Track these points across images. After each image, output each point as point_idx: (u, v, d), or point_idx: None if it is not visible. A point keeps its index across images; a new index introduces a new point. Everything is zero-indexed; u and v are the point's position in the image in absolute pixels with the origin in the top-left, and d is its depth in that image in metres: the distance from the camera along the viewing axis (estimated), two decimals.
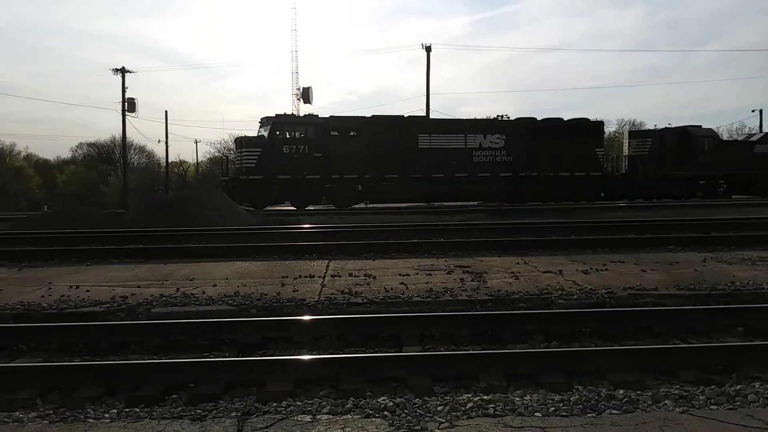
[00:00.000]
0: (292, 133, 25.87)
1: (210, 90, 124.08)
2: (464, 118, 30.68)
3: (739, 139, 39.69)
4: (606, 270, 8.25)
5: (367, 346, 5.42)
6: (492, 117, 30.20)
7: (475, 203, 27.14)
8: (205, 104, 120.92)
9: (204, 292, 6.99)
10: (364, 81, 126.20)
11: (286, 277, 7.96)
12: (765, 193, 30.76)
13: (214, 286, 7.42)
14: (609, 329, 5.69)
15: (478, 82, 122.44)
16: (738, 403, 3.85)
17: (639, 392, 4.07)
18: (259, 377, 4.41)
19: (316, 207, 26.17)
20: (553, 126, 28.26)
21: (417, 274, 8.07)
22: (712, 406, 3.81)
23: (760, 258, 9.09)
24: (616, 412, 3.70)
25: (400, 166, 25.96)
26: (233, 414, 3.72)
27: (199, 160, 71.49)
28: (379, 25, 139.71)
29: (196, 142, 68.56)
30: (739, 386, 4.18)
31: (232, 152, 39.10)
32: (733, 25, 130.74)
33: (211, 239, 12.11)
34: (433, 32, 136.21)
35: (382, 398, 4.00)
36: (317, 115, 26.77)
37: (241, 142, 26.79)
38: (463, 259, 9.34)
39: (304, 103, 44.07)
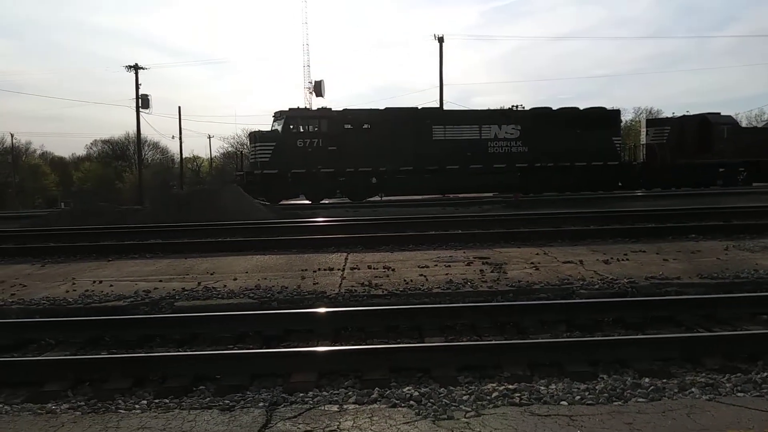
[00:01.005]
0: (306, 126, 25.92)
1: (222, 85, 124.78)
2: (478, 108, 30.52)
3: (759, 125, 39.21)
4: (627, 260, 8.22)
5: (389, 337, 5.47)
6: (506, 107, 30.06)
7: (491, 195, 27.06)
8: (217, 99, 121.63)
9: (225, 286, 7.08)
10: (376, 73, 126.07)
11: (306, 270, 8.02)
12: None
13: (235, 279, 7.51)
14: (632, 318, 5.69)
15: (491, 73, 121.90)
16: (765, 390, 3.84)
17: (665, 380, 4.07)
18: (285, 369, 4.47)
19: (331, 200, 26.25)
20: (569, 115, 28.05)
21: (436, 265, 8.10)
22: (738, 394, 3.81)
23: None
24: (642, 400, 3.71)
25: (415, 158, 25.94)
26: (261, 404, 3.78)
27: (212, 155, 71.94)
28: (390, 17, 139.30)
29: (210, 138, 69.03)
30: (765, 374, 4.16)
31: (245, 147, 39.26)
32: (749, 9, 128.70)
33: (229, 233, 12.22)
34: (446, 22, 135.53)
35: (407, 388, 4.04)
36: (330, 109, 26.81)
37: (255, 136, 26.90)
38: (482, 251, 9.34)
39: (317, 96, 44.28)
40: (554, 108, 28.45)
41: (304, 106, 29.66)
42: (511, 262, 8.27)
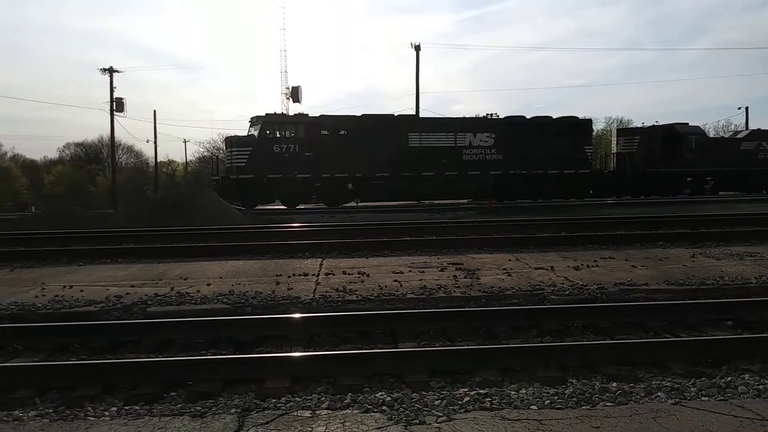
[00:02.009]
0: (282, 132, 25.84)
1: (198, 89, 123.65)
2: (454, 116, 30.76)
3: (726, 136, 40.20)
4: (597, 266, 8.34)
5: (363, 342, 5.46)
6: (481, 115, 30.33)
7: (466, 201, 27.25)
8: (193, 104, 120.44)
9: (199, 291, 7.00)
10: (353, 80, 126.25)
11: (281, 275, 7.98)
12: (751, 189, 31.17)
13: (209, 285, 7.43)
14: (601, 324, 5.76)
15: (466, 81, 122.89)
16: (729, 395, 3.92)
17: (632, 385, 4.13)
18: (258, 374, 4.44)
19: (307, 206, 26.16)
20: (542, 124, 28.45)
21: (410, 271, 8.12)
22: (703, 398, 3.88)
23: (747, 253, 9.23)
24: (610, 404, 3.76)
25: (391, 164, 26.03)
26: (233, 410, 3.74)
27: (188, 160, 71.22)
28: (366, 24, 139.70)
29: (185, 142, 68.44)
30: (729, 378, 4.25)
31: (221, 151, 38.97)
32: (716, 22, 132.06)
33: (203, 239, 12.10)
34: (421, 31, 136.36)
35: (380, 393, 4.04)
36: (307, 114, 26.78)
37: (232, 141, 26.74)
38: (456, 257, 9.41)
39: (293, 102, 44.08)
40: (528, 117, 28.83)
41: (281, 112, 29.57)
42: (484, 268, 8.33)
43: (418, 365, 4.54)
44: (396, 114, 28.80)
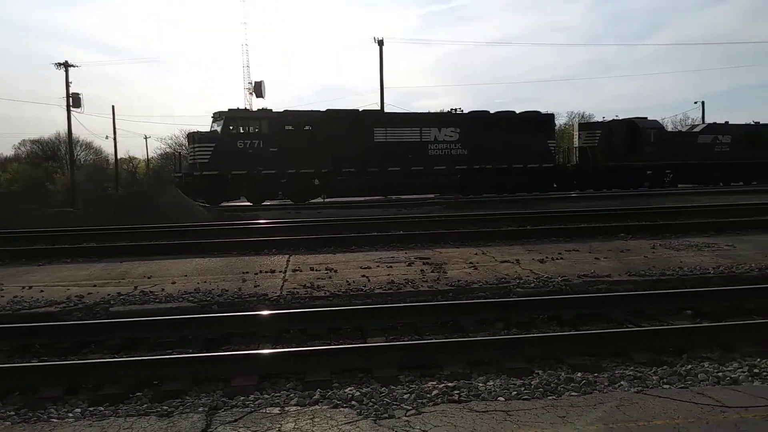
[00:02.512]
0: (246, 127, 25.54)
1: (159, 84, 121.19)
2: (419, 111, 30.89)
3: (683, 130, 41.26)
4: (561, 258, 8.50)
5: (332, 338, 5.47)
6: (446, 110, 30.50)
7: (432, 196, 27.40)
8: (153, 99, 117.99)
9: (163, 290, 6.90)
10: (318, 76, 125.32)
11: (247, 272, 7.91)
12: (708, 181, 32.08)
13: (173, 283, 7.33)
14: (566, 315, 5.88)
15: (432, 76, 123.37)
16: (689, 382, 4.05)
17: (596, 374, 4.24)
18: (226, 372, 4.40)
19: (273, 202, 25.95)
20: (506, 119, 28.74)
21: (378, 266, 8.14)
22: (664, 386, 4.00)
23: (705, 244, 9.52)
24: (575, 394, 3.85)
25: (357, 160, 25.98)
26: (201, 409, 3.71)
27: (149, 156, 69.86)
28: (330, 19, 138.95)
29: (146, 138, 67.04)
30: (689, 366, 4.39)
31: (184, 148, 38.31)
32: (674, 18, 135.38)
33: (166, 236, 11.91)
34: (387, 25, 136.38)
35: (349, 389, 4.05)
36: (271, 110, 26.50)
37: (194, 137, 26.29)
38: (423, 251, 9.46)
39: (257, 97, 43.65)
40: (492, 112, 29.12)
41: (243, 107, 29.21)
42: (451, 262, 8.40)
43: (387, 360, 4.57)
44: (361, 109, 28.77)
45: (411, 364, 4.57)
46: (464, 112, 29.37)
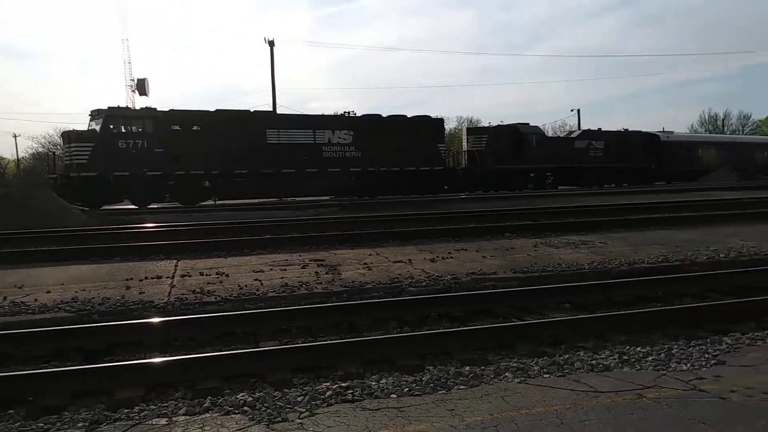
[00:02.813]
0: (128, 127, 24.25)
1: (30, 81, 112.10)
2: (312, 113, 30.78)
3: (562, 135, 44.10)
4: (451, 258, 8.80)
5: (223, 344, 5.33)
6: (340, 113, 30.64)
7: (327, 198, 27.39)
8: (23, 96, 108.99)
9: (36, 300, 6.41)
10: (207, 75, 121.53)
11: (131, 279, 7.52)
12: (584, 183, 34.53)
13: (48, 292, 6.82)
14: (456, 312, 6.10)
15: (325, 78, 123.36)
16: (567, 371, 4.33)
17: (483, 367, 4.43)
18: (108, 385, 4.17)
19: (160, 205, 24.80)
20: (398, 123, 29.32)
21: (271, 269, 8.04)
22: (545, 375, 4.25)
23: (581, 242, 10.22)
24: (463, 387, 4.01)
25: (249, 161, 25.45)
26: (80, 424, 3.49)
27: (19, 156, 64.49)
28: (223, 18, 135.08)
29: (15, 137, 61.82)
30: (567, 356, 4.69)
31: (59, 147, 35.70)
32: (554, 31, 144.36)
33: (41, 242, 11.06)
34: (281, 26, 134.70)
35: (241, 394, 3.97)
36: (155, 108, 25.33)
37: (70, 136, 24.57)
38: (318, 253, 9.46)
39: (140, 95, 41.61)
40: (384, 115, 29.57)
41: (125, 105, 27.74)
42: (346, 263, 8.46)
43: (280, 363, 4.52)
44: (253, 110, 28.21)
45: (305, 367, 4.55)
46: (358, 115, 29.65)
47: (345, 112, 30.15)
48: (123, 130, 24.08)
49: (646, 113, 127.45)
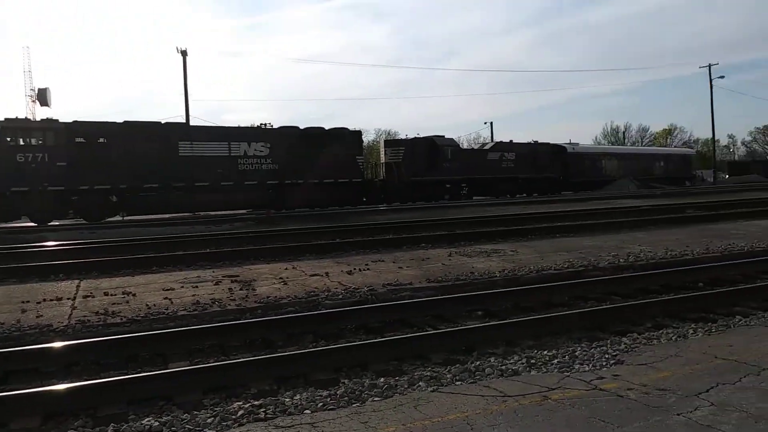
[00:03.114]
0: (27, 139, 22.85)
1: None
2: (228, 125, 30.15)
3: (476, 147, 45.52)
4: (368, 269, 8.84)
5: (129, 367, 5.09)
6: (256, 125, 30.20)
7: (244, 211, 26.86)
8: None
9: None
10: (116, 85, 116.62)
11: (28, 302, 7.05)
12: (497, 193, 35.73)
13: None
14: (372, 323, 6.13)
15: (242, 90, 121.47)
16: (478, 377, 4.44)
17: (397, 378, 4.47)
18: (0, 416, 3.88)
19: (63, 222, 23.45)
20: (316, 135, 29.22)
21: (182, 287, 7.78)
22: (457, 383, 4.34)
23: (493, 250, 10.54)
24: (378, 398, 4.02)
25: (160, 175, 24.56)
26: None
27: None
28: (133, 25, 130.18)
29: None
30: (478, 362, 4.81)
31: None
32: (468, 46, 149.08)
33: None
34: (197, 36, 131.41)
35: (147, 419, 3.80)
36: (58, 120, 24.00)
37: None
38: (232, 269, 9.25)
39: (41, 105, 39.38)
40: (302, 127, 29.41)
41: (24, 117, 26.12)
42: (261, 278, 8.32)
43: (190, 384, 4.38)
44: (164, 122, 27.27)
45: (216, 387, 4.42)
46: (274, 127, 29.32)
47: (262, 124, 29.76)
48: (21, 143, 22.67)
49: (554, 125, 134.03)
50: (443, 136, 34.99)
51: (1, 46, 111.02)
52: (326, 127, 30.05)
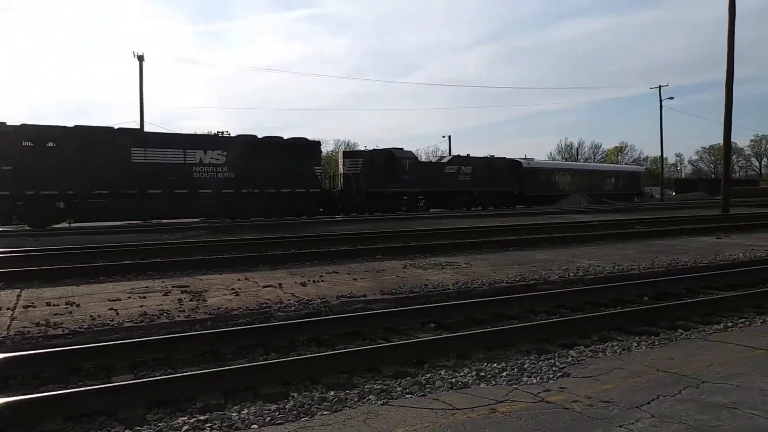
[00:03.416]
0: None
1: None
2: (183, 132, 29.69)
3: (433, 160, 45.96)
4: (322, 281, 8.78)
5: (70, 381, 4.91)
6: (213, 133, 29.85)
7: (198, 220, 26.40)
8: None
9: None
10: (68, 89, 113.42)
11: None
12: (454, 206, 36.14)
13: None
14: (324, 336, 6.08)
15: (199, 97, 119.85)
16: (428, 390, 4.44)
17: (347, 391, 4.43)
18: None
19: (5, 228, 22.57)
20: (273, 144, 29.04)
21: (129, 298, 7.57)
22: (407, 396, 4.33)
23: (447, 263, 10.63)
24: (327, 412, 3.98)
25: (111, 181, 23.96)
26: None
27: None
28: (90, 27, 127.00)
29: None
30: (429, 375, 4.82)
31: None
32: (428, 60, 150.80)
33: None
34: (153, 41, 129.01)
35: None
36: (4, 123, 23.19)
37: None
38: (182, 279, 9.07)
39: None
40: (260, 136, 29.17)
41: None
42: (212, 289, 8.17)
43: (133, 399, 4.24)
44: (117, 127, 26.66)
45: (161, 401, 4.30)
46: (231, 135, 29.00)
47: (218, 132, 29.42)
48: None
49: (511, 141, 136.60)
50: (402, 149, 35.23)
51: None
52: (285, 137, 29.90)
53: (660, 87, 59.54)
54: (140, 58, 37.09)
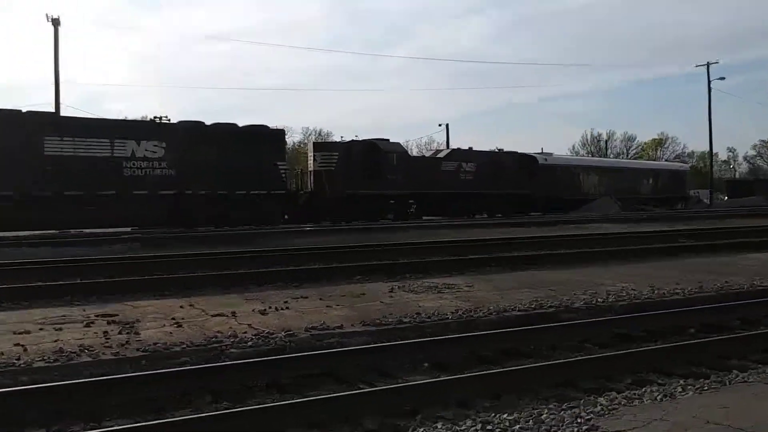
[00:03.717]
0: None
1: None
2: (111, 118, 29.54)
3: (427, 155, 46.04)
4: (287, 308, 8.78)
5: None
6: (149, 118, 29.71)
7: (129, 230, 26.23)
8: None
9: None
10: None
11: None
12: (451, 213, 36.02)
13: None
14: (288, 378, 6.06)
15: (130, 73, 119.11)
16: None
17: None
18: None
19: None
20: (226, 133, 28.95)
21: (41, 330, 7.51)
22: None
23: (445, 285, 10.66)
24: None
25: (18, 179, 23.73)
26: None
27: None
28: None
29: None
30: (422, 429, 4.82)
31: None
32: (421, 27, 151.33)
33: None
34: (72, 1, 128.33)
35: None
36: None
37: None
38: (109, 306, 9.03)
39: None
40: (208, 123, 29.07)
41: None
42: (147, 318, 8.14)
43: None
44: (25, 110, 26.42)
45: None
46: (172, 122, 28.92)
47: (155, 117, 29.30)
48: None
49: (522, 131, 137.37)
50: (388, 140, 35.33)
51: None
52: (240, 124, 29.85)
53: (708, 64, 60.45)
54: (55, 22, 36.83)
